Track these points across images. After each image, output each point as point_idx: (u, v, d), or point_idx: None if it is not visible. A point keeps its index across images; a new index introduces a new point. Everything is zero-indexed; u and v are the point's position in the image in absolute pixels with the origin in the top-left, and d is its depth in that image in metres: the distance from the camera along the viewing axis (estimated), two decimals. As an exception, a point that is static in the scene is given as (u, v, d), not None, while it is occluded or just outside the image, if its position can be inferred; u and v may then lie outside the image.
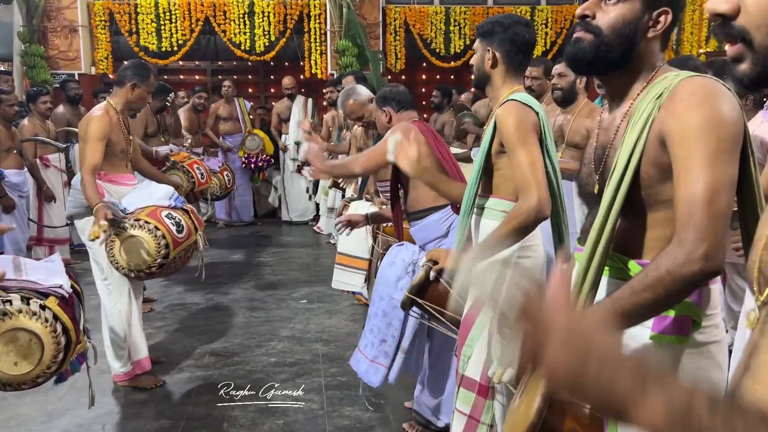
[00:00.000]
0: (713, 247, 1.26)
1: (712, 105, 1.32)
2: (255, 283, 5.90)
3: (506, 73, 2.38)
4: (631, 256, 1.48)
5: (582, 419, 1.31)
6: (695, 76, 1.39)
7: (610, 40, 1.44)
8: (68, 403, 3.49)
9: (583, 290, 1.47)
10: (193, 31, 8.74)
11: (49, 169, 6.19)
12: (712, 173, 1.29)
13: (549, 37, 9.30)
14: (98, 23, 8.62)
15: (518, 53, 2.37)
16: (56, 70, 8.48)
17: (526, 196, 2.16)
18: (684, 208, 1.30)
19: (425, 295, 2.12)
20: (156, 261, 3.46)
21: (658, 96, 1.40)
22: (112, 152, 3.69)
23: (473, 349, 1.93)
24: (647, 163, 1.40)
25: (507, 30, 2.35)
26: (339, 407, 3.46)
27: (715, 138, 1.30)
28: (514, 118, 2.25)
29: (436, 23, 9.19)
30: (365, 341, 3.04)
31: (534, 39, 2.41)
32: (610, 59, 1.46)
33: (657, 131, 1.38)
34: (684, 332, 1.41)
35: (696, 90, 1.35)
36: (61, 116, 6.66)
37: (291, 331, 4.64)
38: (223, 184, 6.34)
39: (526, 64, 2.45)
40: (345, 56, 8.38)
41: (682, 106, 1.34)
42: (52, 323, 1.89)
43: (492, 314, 0.82)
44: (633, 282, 1.32)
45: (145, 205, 3.61)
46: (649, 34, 1.45)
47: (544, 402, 1.26)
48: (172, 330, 4.72)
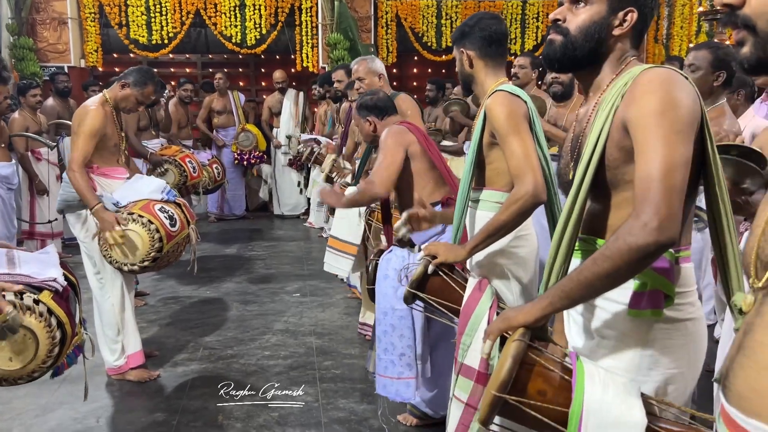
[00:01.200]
0: (667, 218, 1.32)
1: (667, 90, 1.41)
2: (247, 277, 5.89)
3: (486, 67, 2.44)
4: (599, 236, 1.57)
5: (551, 380, 1.39)
6: (655, 67, 1.49)
7: (576, 40, 1.58)
8: (62, 396, 3.48)
9: (554, 269, 1.56)
10: (183, 24, 8.68)
11: (40, 162, 6.15)
12: (667, 152, 1.36)
13: (540, 31, 9.31)
14: (88, 15, 8.55)
15: (491, 46, 2.42)
16: (45, 62, 8.40)
17: (523, 181, 2.18)
18: (641, 185, 1.37)
19: (425, 289, 2.13)
20: (150, 255, 3.46)
21: (624, 84, 1.50)
22: (105, 146, 3.67)
23: (472, 337, 1.94)
24: (612, 146, 1.49)
25: (474, 28, 2.42)
26: (333, 399, 3.47)
27: (669, 120, 1.38)
28: (505, 107, 2.28)
29: (428, 16, 9.18)
30: (382, 364, 3.00)
31: (504, 29, 2.47)
32: (577, 57, 1.60)
33: (620, 118, 1.47)
34: (658, 305, 1.48)
35: (653, 78, 1.45)
36: (51, 109, 6.61)
37: (284, 325, 4.64)
38: (213, 177, 6.34)
39: (503, 54, 2.48)
40: (336, 50, 8.35)
41: (639, 93, 1.44)
42: (46, 318, 1.88)
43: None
44: (596, 253, 1.40)
45: (137, 198, 3.60)
46: (615, 32, 1.57)
47: (514, 363, 1.36)
48: (165, 324, 4.71)
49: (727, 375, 1.02)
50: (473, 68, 2.45)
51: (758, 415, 0.94)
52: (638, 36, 1.61)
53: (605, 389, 1.33)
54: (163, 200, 3.64)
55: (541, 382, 1.39)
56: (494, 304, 2.01)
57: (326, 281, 5.64)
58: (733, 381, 0.99)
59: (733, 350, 1.02)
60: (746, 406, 0.96)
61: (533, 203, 2.19)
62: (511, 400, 1.35)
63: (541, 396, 1.37)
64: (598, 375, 1.37)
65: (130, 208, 3.52)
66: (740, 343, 1.00)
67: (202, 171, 5.89)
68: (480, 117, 2.39)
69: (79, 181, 3.49)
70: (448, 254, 2.19)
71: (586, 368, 1.38)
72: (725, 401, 1.01)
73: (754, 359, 0.96)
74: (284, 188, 8.48)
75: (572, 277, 1.43)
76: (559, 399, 1.36)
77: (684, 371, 1.53)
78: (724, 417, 1.03)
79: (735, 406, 0.98)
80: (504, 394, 1.35)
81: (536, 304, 1.48)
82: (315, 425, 3.21)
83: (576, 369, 1.38)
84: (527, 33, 9.33)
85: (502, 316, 1.54)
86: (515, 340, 1.41)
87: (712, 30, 8.32)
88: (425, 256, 2.17)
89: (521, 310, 1.51)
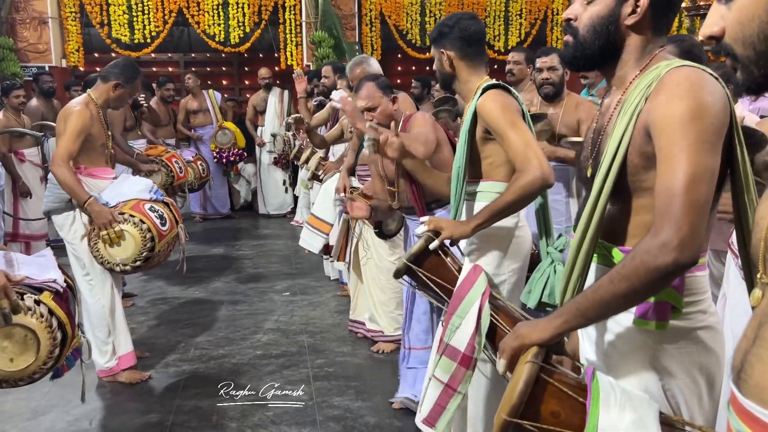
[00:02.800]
0: (688, 237, 1.26)
1: (695, 96, 1.33)
2: (236, 277, 5.87)
3: (467, 67, 2.47)
4: (614, 243, 1.51)
5: (565, 401, 1.34)
6: (682, 66, 1.41)
7: (585, 39, 1.52)
8: (54, 399, 3.45)
9: (572, 277, 1.51)
10: (166, 23, 8.62)
11: (24, 164, 6.07)
12: (692, 164, 1.29)
13: (524, 28, 9.36)
14: (68, 15, 8.45)
15: (471, 46, 2.46)
16: (26, 63, 8.30)
17: (530, 167, 2.20)
18: (662, 198, 1.31)
19: (422, 265, 2.12)
20: (142, 254, 3.44)
21: (648, 86, 1.42)
22: (92, 146, 3.63)
23: (462, 319, 1.94)
24: (633, 151, 1.43)
25: (453, 28, 2.45)
26: (328, 397, 3.48)
27: (695, 129, 1.31)
28: (499, 103, 2.31)
29: (412, 14, 9.20)
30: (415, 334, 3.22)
31: (482, 28, 2.50)
32: (589, 56, 1.54)
33: (643, 121, 1.40)
34: (663, 317, 1.43)
35: (680, 81, 1.36)
36: (35, 110, 6.52)
37: (275, 324, 4.63)
38: (198, 174, 6.30)
39: (483, 53, 2.52)
40: (321, 47, 8.34)
41: (665, 97, 1.36)
42: (47, 318, 1.87)
43: None
44: (612, 271, 1.35)
45: (126, 198, 3.57)
46: (628, 21, 1.48)
47: (525, 387, 1.31)
48: (154, 325, 4.68)
49: (742, 367, 1.00)
50: (454, 68, 2.48)
51: None
52: (660, 22, 1.50)
53: (621, 412, 1.27)
54: (151, 199, 3.62)
55: (555, 404, 1.34)
56: (487, 291, 2.01)
57: (316, 280, 5.64)
58: (751, 373, 0.97)
59: (747, 342, 1.00)
60: (767, 398, 0.94)
61: (542, 185, 2.22)
62: (523, 424, 1.31)
63: (555, 417, 1.33)
64: (614, 395, 1.31)
65: (120, 207, 3.49)
66: (756, 335, 0.99)
67: (188, 170, 5.86)
68: (469, 114, 2.41)
69: (66, 176, 3.43)
70: (453, 230, 2.19)
71: (602, 387, 1.32)
72: (740, 394, 1.00)
73: None
74: (269, 187, 8.44)
75: (588, 295, 1.38)
76: (574, 420, 1.31)
77: (699, 382, 1.47)
78: (737, 410, 1.01)
79: (753, 399, 0.97)
80: (515, 419, 1.31)
81: (551, 322, 1.42)
82: (310, 423, 3.21)
83: (591, 389, 1.32)
84: (510, 30, 9.37)
85: (516, 334, 1.47)
86: (527, 361, 1.36)
87: (693, 26, 8.40)
88: (427, 232, 2.16)
89: (535, 327, 1.44)
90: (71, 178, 3.44)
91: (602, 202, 1.45)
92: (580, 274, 1.50)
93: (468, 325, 1.94)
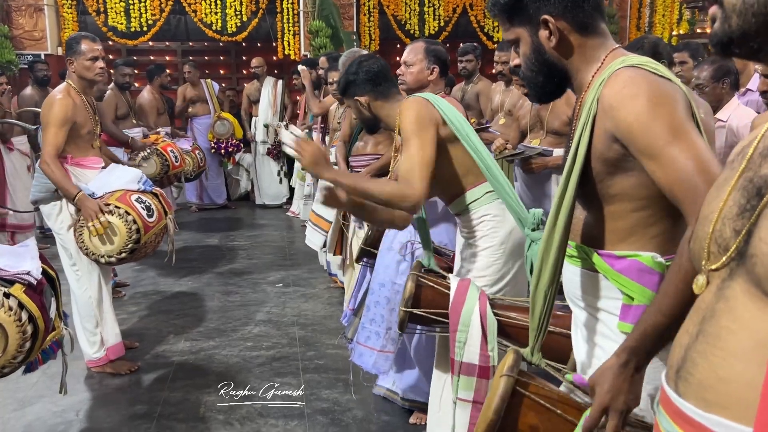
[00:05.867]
0: None
1: (648, 86, 1.32)
2: (229, 267, 5.83)
3: (384, 103, 2.55)
4: (594, 247, 1.49)
5: (543, 414, 1.34)
6: (620, 69, 1.38)
7: (532, 77, 1.54)
8: (41, 389, 3.43)
9: (542, 279, 1.49)
10: (162, 11, 8.55)
11: (12, 152, 6.02)
12: (685, 144, 1.26)
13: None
14: (64, 2, 8.38)
15: (380, 84, 2.55)
16: (21, 50, 8.23)
17: (414, 187, 2.19)
18: (682, 190, 1.26)
19: (419, 304, 2.12)
20: (127, 246, 3.41)
21: (600, 83, 1.40)
22: (78, 134, 3.59)
23: (467, 333, 1.93)
24: (595, 158, 1.41)
25: (358, 75, 2.54)
26: (317, 390, 3.45)
27: (664, 113, 1.29)
28: (408, 115, 2.33)
29: (411, 4, 9.13)
30: (366, 333, 3.02)
31: (384, 64, 2.63)
32: (545, 88, 1.56)
33: (602, 129, 1.38)
34: None
35: (625, 82, 1.34)
36: (29, 98, 6.46)
37: (267, 315, 4.60)
38: (197, 163, 6.27)
39: (392, 85, 2.63)
40: (318, 37, 8.27)
41: (619, 100, 1.33)
42: (17, 312, 1.83)
43: None
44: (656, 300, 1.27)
45: (113, 189, 3.53)
46: (552, 45, 1.47)
47: (501, 402, 1.32)
48: (145, 315, 4.65)
49: (683, 365, 0.95)
50: (373, 110, 2.55)
51: (723, 408, 0.87)
52: (584, 22, 1.46)
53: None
54: (139, 190, 3.58)
55: (533, 417, 1.33)
56: (482, 296, 2.00)
57: (309, 271, 5.61)
58: (693, 371, 0.93)
59: (689, 338, 0.95)
60: (710, 398, 0.89)
61: (407, 207, 2.20)
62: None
63: (533, 431, 1.33)
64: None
65: (107, 198, 3.45)
66: (699, 330, 0.94)
67: (185, 159, 5.81)
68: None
69: (56, 173, 3.42)
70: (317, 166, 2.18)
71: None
72: (676, 395, 0.95)
73: (720, 346, 0.89)
74: (264, 177, 8.39)
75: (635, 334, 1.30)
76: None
77: None
78: (671, 411, 0.96)
79: (692, 400, 0.92)
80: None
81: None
82: (298, 416, 3.19)
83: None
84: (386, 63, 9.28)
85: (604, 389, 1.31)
86: (503, 374, 1.35)
87: (694, 18, 8.32)
88: (411, 272, 2.18)
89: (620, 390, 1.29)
90: (60, 175, 3.43)
91: (565, 207, 1.43)
92: (550, 278, 1.48)
93: (474, 335, 1.94)
